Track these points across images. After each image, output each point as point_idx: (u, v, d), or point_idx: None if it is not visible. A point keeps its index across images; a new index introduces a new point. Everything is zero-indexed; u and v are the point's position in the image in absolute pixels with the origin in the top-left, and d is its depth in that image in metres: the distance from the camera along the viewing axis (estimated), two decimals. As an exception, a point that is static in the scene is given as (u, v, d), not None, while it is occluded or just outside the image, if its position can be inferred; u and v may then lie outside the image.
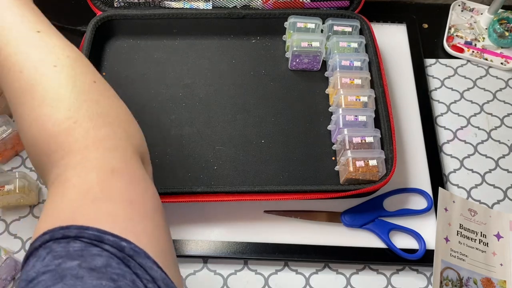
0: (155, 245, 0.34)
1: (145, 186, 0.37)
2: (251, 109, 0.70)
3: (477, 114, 0.74)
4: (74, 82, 0.40)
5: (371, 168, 0.61)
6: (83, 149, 0.36)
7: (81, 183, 0.35)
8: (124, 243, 0.32)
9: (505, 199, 0.67)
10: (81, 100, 0.39)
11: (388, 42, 0.79)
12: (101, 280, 0.29)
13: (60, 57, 0.41)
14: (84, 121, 0.37)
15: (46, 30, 0.43)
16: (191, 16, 0.74)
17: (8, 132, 0.66)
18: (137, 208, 0.35)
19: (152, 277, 0.32)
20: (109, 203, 0.34)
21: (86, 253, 0.30)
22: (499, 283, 0.61)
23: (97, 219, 0.33)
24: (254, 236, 0.63)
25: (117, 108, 0.42)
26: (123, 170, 0.37)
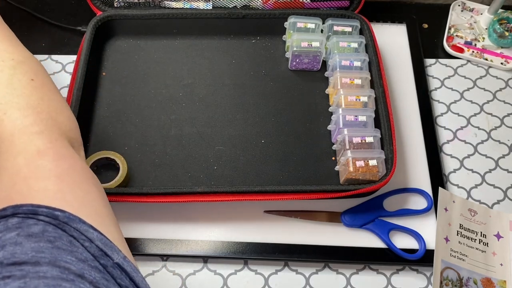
0: (88, 210, 0.37)
1: (72, 162, 0.41)
2: (251, 109, 0.70)
3: (477, 114, 0.74)
4: (10, 80, 0.44)
5: (371, 168, 0.61)
6: (10, 136, 0.40)
7: (11, 167, 0.38)
8: (58, 212, 0.35)
9: (505, 199, 0.67)
10: (13, 95, 0.43)
11: (388, 42, 0.79)
12: (39, 242, 0.32)
13: (4, 60, 0.46)
14: (13, 112, 0.42)
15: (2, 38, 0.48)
16: (191, 16, 0.74)
17: None
18: (66, 181, 0.38)
19: (88, 238, 0.34)
20: (39, 180, 0.37)
21: (23, 225, 0.33)
22: (499, 283, 0.61)
23: (30, 196, 0.36)
24: (254, 236, 0.63)
25: (49, 100, 0.45)
26: (48, 150, 0.40)
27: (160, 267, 0.62)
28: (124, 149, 0.66)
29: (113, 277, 0.34)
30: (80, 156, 0.45)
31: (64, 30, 0.80)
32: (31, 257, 0.31)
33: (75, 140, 0.46)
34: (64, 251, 0.32)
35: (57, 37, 0.79)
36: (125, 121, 0.68)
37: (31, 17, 0.81)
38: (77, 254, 0.33)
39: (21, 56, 0.48)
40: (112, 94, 0.71)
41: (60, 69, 0.76)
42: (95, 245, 0.34)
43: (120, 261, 0.35)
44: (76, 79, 0.66)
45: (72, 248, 0.33)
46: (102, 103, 0.70)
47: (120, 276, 0.34)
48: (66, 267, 0.31)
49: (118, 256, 0.35)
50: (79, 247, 0.33)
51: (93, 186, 0.41)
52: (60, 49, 0.78)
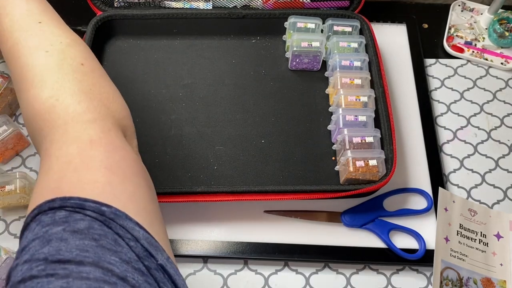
0: (136, 206, 0.36)
1: (123, 154, 0.40)
2: (251, 109, 0.70)
3: (477, 114, 0.74)
4: (61, 65, 0.43)
5: (371, 168, 0.61)
6: (63, 124, 0.39)
7: (62, 156, 0.38)
8: (105, 207, 0.34)
9: (505, 199, 0.67)
10: (65, 80, 0.42)
11: (388, 42, 0.79)
12: (84, 240, 0.32)
13: (53, 43, 0.45)
14: (66, 98, 0.41)
15: (47, 21, 0.47)
16: (191, 16, 0.74)
17: (8, 132, 0.66)
18: (116, 174, 0.37)
19: (134, 236, 0.34)
20: (89, 172, 0.37)
21: (70, 219, 0.33)
22: (499, 283, 0.61)
23: (79, 188, 0.35)
24: (254, 236, 0.63)
25: (101, 86, 0.44)
26: (101, 140, 0.39)
27: (160, 267, 0.62)
28: (124, 149, 0.66)
29: (156, 281, 0.33)
30: (133, 146, 0.44)
31: (64, 30, 0.80)
32: (75, 256, 0.31)
33: (128, 129, 0.45)
34: (108, 251, 0.32)
35: (57, 37, 0.79)
36: (125, 121, 0.68)
37: (31, 17, 0.81)
38: (121, 254, 0.32)
39: (69, 39, 0.46)
40: (112, 94, 0.71)
41: (60, 69, 0.76)
42: (140, 245, 0.34)
43: (164, 262, 0.34)
44: (76, 79, 0.66)
45: (116, 247, 0.33)
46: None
47: (163, 279, 0.34)
48: (109, 268, 0.31)
49: (162, 257, 0.35)
50: (124, 247, 0.33)
51: (143, 180, 0.40)
52: (60, 49, 0.78)
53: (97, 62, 0.47)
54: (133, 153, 0.41)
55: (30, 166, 0.69)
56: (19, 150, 0.69)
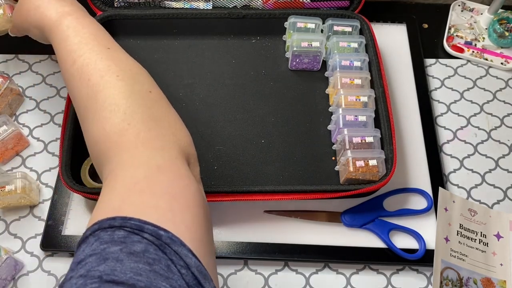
0: (192, 235, 0.37)
1: (188, 183, 0.40)
2: (251, 109, 0.70)
3: (477, 114, 0.74)
4: (132, 90, 0.45)
5: (371, 168, 0.61)
6: (133, 148, 0.41)
7: (129, 178, 0.39)
8: (162, 232, 0.35)
9: (505, 199, 0.67)
10: (137, 106, 0.43)
11: (388, 42, 0.79)
12: (138, 263, 0.33)
13: (123, 69, 0.47)
14: (137, 123, 0.42)
15: (115, 48, 0.50)
16: (191, 16, 0.74)
17: (9, 132, 0.66)
18: (178, 201, 0.38)
19: (186, 263, 0.34)
20: (153, 196, 0.38)
21: (127, 240, 0.34)
22: (499, 283, 0.61)
23: (140, 210, 0.36)
24: (254, 236, 0.63)
25: (168, 115, 0.46)
26: (168, 167, 0.40)
27: (160, 267, 0.62)
28: (124, 149, 0.66)
29: None
30: (195, 174, 0.45)
31: (64, 30, 0.80)
32: (129, 278, 0.31)
33: (192, 156, 0.46)
34: (160, 276, 0.33)
35: (57, 37, 0.79)
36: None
37: (31, 17, 0.81)
38: (172, 281, 0.33)
39: (135, 67, 0.49)
40: (112, 94, 0.71)
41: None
42: (191, 272, 0.34)
43: None
44: (76, 79, 0.66)
45: (168, 274, 0.33)
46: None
47: None
48: None
49: (209, 286, 0.35)
50: (175, 273, 0.34)
51: (203, 211, 0.40)
52: (60, 49, 0.78)
53: (162, 92, 0.49)
54: (196, 182, 0.42)
55: (30, 166, 0.69)
56: (19, 150, 0.69)
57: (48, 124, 0.72)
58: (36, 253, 0.63)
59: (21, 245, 0.64)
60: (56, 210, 0.65)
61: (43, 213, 0.65)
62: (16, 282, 0.61)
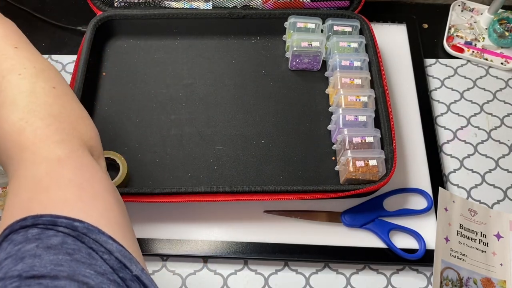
0: (108, 221, 0.37)
1: (92, 171, 0.41)
2: (251, 109, 0.70)
3: (477, 114, 0.74)
4: (33, 88, 0.44)
5: (371, 168, 0.61)
6: (31, 145, 0.40)
7: (31, 176, 0.38)
8: (77, 223, 0.35)
9: (505, 199, 0.67)
10: (36, 104, 0.43)
11: (388, 42, 0.79)
12: (57, 255, 0.32)
13: (27, 67, 0.45)
14: (35, 121, 0.41)
15: (23, 47, 0.48)
16: (191, 16, 0.74)
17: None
18: (86, 190, 0.38)
19: (107, 249, 0.34)
20: (59, 190, 0.37)
21: (43, 236, 0.33)
22: (499, 283, 0.61)
23: (50, 206, 0.36)
24: (254, 236, 0.63)
25: (70, 109, 0.45)
26: (69, 159, 0.40)
27: (160, 267, 0.62)
28: (124, 149, 0.66)
29: None
30: (101, 166, 0.45)
31: (64, 30, 0.80)
32: (50, 270, 0.31)
33: (95, 149, 0.45)
34: (83, 264, 0.32)
35: (57, 37, 0.79)
36: (125, 121, 0.68)
37: (31, 17, 0.81)
38: (96, 267, 0.33)
39: (42, 64, 0.47)
40: (112, 94, 0.71)
41: (60, 69, 0.76)
42: (114, 257, 0.34)
43: (139, 273, 0.35)
44: (76, 79, 0.66)
45: (91, 261, 0.33)
46: (102, 103, 0.70)
47: None
48: (84, 281, 0.31)
49: (137, 268, 0.35)
50: (98, 260, 0.33)
51: (113, 197, 0.40)
52: (60, 49, 0.78)
53: (68, 86, 0.48)
54: (102, 171, 0.42)
55: (30, 166, 0.69)
56: (19, 150, 0.69)
57: (48, 124, 0.72)
58: (36, 253, 0.63)
59: (21, 245, 0.64)
60: (56, 210, 0.65)
61: (43, 213, 0.65)
62: None
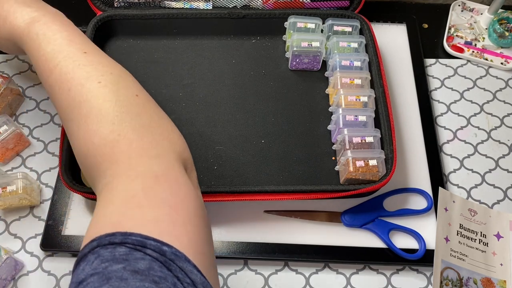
0: (195, 248, 0.35)
1: (187, 191, 0.39)
2: (251, 109, 0.70)
3: (477, 114, 0.74)
4: (117, 96, 0.42)
5: (371, 168, 0.61)
6: (127, 159, 0.39)
7: (126, 190, 0.37)
8: (166, 247, 0.33)
9: (505, 199, 0.68)
10: (124, 113, 0.41)
11: (388, 42, 0.79)
12: (144, 282, 0.31)
13: (104, 74, 0.43)
14: (128, 133, 0.40)
15: (92, 51, 0.46)
16: (191, 16, 0.74)
17: (9, 132, 0.66)
18: (179, 213, 0.37)
19: (192, 280, 0.33)
20: (152, 209, 0.36)
21: (130, 257, 0.32)
22: (499, 283, 0.61)
23: (141, 224, 0.34)
24: (254, 236, 0.63)
25: (159, 119, 0.44)
26: (165, 176, 0.38)
27: (160, 267, 0.62)
28: (124, 149, 0.66)
29: None
30: (193, 179, 0.43)
31: (64, 30, 0.80)
32: None
33: (189, 161, 0.44)
34: None
35: (57, 37, 0.79)
36: (125, 121, 0.68)
37: (31, 17, 0.81)
38: None
39: (118, 70, 0.45)
40: (112, 94, 0.71)
41: (60, 69, 0.76)
42: None
43: None
44: (76, 79, 0.66)
45: None
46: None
47: None
48: None
49: None
50: None
51: (203, 221, 0.39)
52: (60, 49, 0.78)
53: (148, 94, 0.46)
54: (195, 189, 0.41)
55: (30, 166, 0.69)
56: (20, 150, 0.69)
57: (48, 124, 0.72)
58: (36, 253, 0.63)
59: (21, 245, 0.64)
60: (56, 210, 0.65)
61: (43, 213, 0.65)
62: (16, 282, 0.61)
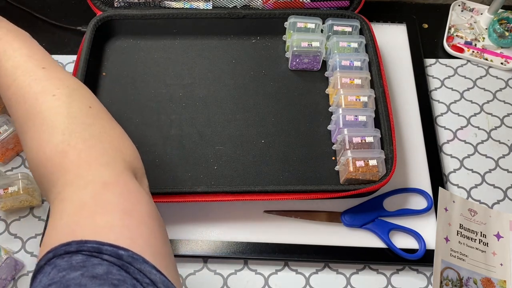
0: (152, 249, 0.36)
1: (138, 196, 0.39)
2: (251, 109, 0.70)
3: (477, 114, 0.74)
4: (69, 108, 0.43)
5: (371, 168, 0.61)
6: (76, 168, 0.39)
7: (77, 199, 0.37)
8: (122, 251, 0.34)
9: (505, 199, 0.68)
10: (75, 124, 0.42)
11: (388, 42, 0.79)
12: (103, 286, 0.31)
13: (59, 87, 0.44)
14: (78, 143, 0.40)
15: (51, 66, 0.47)
16: (191, 16, 0.74)
17: (9, 132, 0.66)
18: (132, 217, 0.37)
19: (151, 280, 0.33)
20: (104, 215, 0.36)
21: (87, 264, 0.32)
22: (499, 283, 0.61)
23: (95, 232, 0.35)
24: (254, 236, 0.63)
25: (110, 129, 0.44)
26: (114, 183, 0.39)
27: (160, 267, 0.62)
28: (124, 149, 0.66)
29: None
30: (144, 187, 0.43)
31: (64, 30, 0.80)
32: None
33: (139, 170, 0.44)
34: None
35: (57, 37, 0.79)
36: (125, 121, 0.68)
37: (31, 17, 0.81)
38: None
39: (73, 83, 0.46)
40: (112, 94, 0.71)
41: (60, 69, 0.76)
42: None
43: None
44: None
45: None
46: (102, 103, 0.70)
47: None
48: None
49: None
50: None
51: (157, 223, 0.39)
52: (60, 49, 0.78)
53: (103, 106, 0.47)
54: (147, 195, 0.41)
55: (30, 166, 0.69)
56: (20, 150, 0.69)
57: (48, 124, 0.72)
58: (36, 253, 0.63)
59: (21, 245, 0.64)
60: (56, 210, 0.65)
61: (43, 213, 0.65)
62: (16, 282, 0.61)
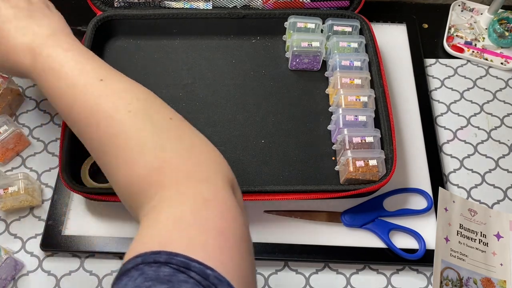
0: (239, 274, 0.35)
1: (235, 216, 0.39)
2: (251, 109, 0.70)
3: (477, 114, 0.74)
4: (151, 123, 0.41)
5: (371, 168, 0.61)
6: (175, 184, 0.38)
7: (174, 212, 0.37)
8: (209, 271, 0.33)
9: (505, 199, 0.68)
10: (163, 139, 0.40)
11: (388, 42, 0.79)
12: None
13: (130, 102, 0.42)
14: (172, 158, 0.39)
15: (109, 76, 0.44)
16: (191, 16, 0.74)
17: (9, 132, 0.66)
18: (226, 237, 0.37)
19: None
20: (200, 232, 0.36)
21: (174, 279, 0.32)
22: (499, 283, 0.61)
23: (187, 246, 0.34)
24: (254, 236, 0.62)
25: (199, 140, 0.43)
26: (214, 200, 0.38)
27: (160, 267, 0.62)
28: (124, 149, 0.66)
29: None
30: (239, 198, 0.42)
31: (64, 30, 0.80)
32: None
33: (234, 182, 0.43)
34: None
35: (57, 37, 0.79)
36: (125, 121, 0.68)
37: (31, 17, 0.81)
38: None
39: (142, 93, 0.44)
40: (112, 94, 0.71)
41: (60, 69, 0.76)
42: None
43: None
44: (76, 79, 0.66)
45: None
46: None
47: None
48: None
49: None
50: None
51: (248, 249, 0.39)
52: (60, 49, 0.78)
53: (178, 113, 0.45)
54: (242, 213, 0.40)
55: (30, 166, 0.69)
56: (20, 150, 0.69)
57: (48, 124, 0.72)
58: (36, 253, 0.63)
59: (21, 245, 0.64)
60: (56, 210, 0.65)
61: (43, 213, 0.65)
62: (16, 282, 0.61)
